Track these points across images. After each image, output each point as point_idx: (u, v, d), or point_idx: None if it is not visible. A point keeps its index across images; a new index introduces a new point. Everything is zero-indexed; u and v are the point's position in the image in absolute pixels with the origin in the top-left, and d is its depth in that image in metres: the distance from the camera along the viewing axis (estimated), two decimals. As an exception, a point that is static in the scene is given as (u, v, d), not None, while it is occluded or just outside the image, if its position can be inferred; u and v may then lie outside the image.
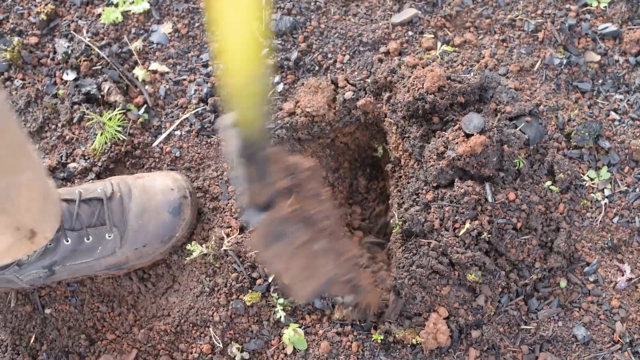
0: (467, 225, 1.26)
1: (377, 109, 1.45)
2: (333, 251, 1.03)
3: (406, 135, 1.39)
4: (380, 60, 1.49)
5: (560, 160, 1.36)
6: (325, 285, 1.04)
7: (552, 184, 1.35)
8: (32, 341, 1.34)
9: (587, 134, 1.39)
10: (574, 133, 1.40)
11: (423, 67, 1.41)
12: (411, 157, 1.39)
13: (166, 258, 1.37)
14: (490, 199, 1.28)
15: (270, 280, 1.31)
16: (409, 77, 1.39)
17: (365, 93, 1.45)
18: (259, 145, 0.89)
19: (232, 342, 1.29)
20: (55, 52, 1.54)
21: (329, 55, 1.50)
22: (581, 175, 1.39)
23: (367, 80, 1.46)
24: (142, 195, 1.30)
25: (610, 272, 1.33)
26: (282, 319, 1.29)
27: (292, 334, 1.26)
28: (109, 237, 1.27)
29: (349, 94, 1.43)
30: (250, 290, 1.30)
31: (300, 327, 1.28)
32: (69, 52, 1.52)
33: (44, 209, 1.10)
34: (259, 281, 1.31)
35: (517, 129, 1.34)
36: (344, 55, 1.50)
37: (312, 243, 0.98)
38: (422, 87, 1.34)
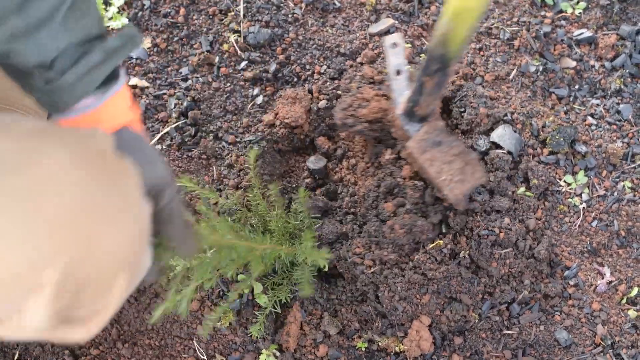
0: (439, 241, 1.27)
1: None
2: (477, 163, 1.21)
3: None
4: (356, 69, 1.50)
5: (534, 167, 1.36)
6: (473, 189, 1.22)
7: (526, 190, 1.35)
8: (16, 358, 1.34)
9: (562, 139, 1.40)
10: (549, 139, 1.41)
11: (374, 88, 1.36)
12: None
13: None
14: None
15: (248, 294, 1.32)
16: (355, 94, 1.34)
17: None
18: (449, 63, 1.04)
19: (217, 355, 1.30)
20: (36, 69, 1.55)
21: (307, 67, 1.51)
22: (557, 180, 1.40)
23: (337, 91, 1.45)
24: None
25: (590, 275, 1.34)
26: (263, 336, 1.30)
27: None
28: None
29: (322, 103, 1.44)
30: (224, 314, 1.31)
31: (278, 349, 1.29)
32: (50, 69, 1.53)
33: None
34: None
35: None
36: (322, 66, 1.51)
37: (466, 154, 1.18)
38: (357, 113, 1.30)
